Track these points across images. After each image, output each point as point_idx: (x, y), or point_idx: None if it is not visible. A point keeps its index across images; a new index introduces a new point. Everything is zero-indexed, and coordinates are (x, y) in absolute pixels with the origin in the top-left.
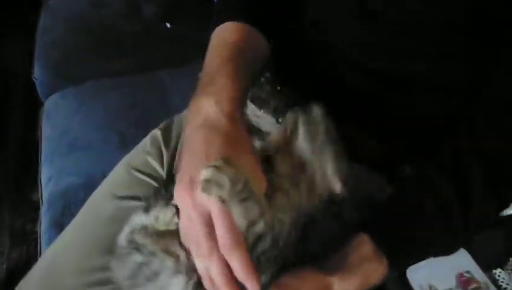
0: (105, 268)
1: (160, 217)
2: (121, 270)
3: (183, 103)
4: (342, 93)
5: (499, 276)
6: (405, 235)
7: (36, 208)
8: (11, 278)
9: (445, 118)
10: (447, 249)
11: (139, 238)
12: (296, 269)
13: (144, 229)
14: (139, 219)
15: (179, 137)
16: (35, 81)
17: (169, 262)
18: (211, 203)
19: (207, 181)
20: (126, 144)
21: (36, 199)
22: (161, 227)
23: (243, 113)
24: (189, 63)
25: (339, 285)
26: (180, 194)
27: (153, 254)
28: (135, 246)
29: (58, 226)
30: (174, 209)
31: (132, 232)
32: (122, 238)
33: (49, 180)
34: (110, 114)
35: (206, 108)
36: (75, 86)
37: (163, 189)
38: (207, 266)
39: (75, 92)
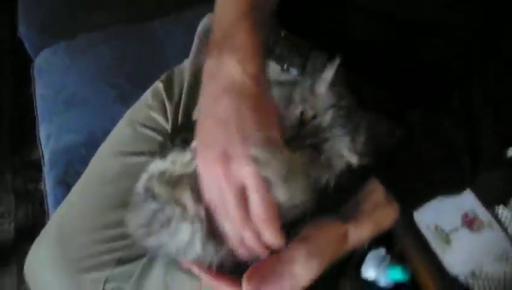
0: (116, 224)
1: (177, 160)
2: (135, 219)
3: (178, 53)
4: (348, 39)
5: (501, 214)
6: (414, 180)
7: (36, 167)
8: (19, 237)
9: (456, 65)
10: (454, 191)
11: (156, 186)
12: (313, 219)
13: (161, 175)
14: (156, 166)
15: (181, 88)
16: (22, 39)
17: (178, 210)
18: (249, 177)
19: (256, 159)
20: (124, 97)
21: (35, 159)
22: (178, 170)
23: (266, 72)
24: (181, 10)
25: (354, 232)
26: (209, 165)
27: (167, 201)
28: (151, 194)
29: (64, 184)
30: (192, 153)
31: (149, 179)
32: (140, 186)
33: (49, 139)
34: (105, 68)
35: (228, 69)
36: (65, 41)
37: (169, 142)
38: (238, 232)
39: (66, 48)
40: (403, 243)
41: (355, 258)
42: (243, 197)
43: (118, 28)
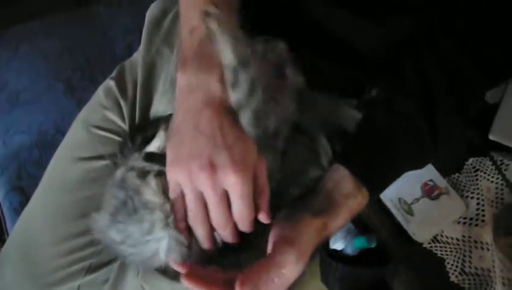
0: (82, 233)
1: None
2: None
3: (123, 37)
4: (304, 20)
5: (457, 180)
6: (381, 163)
7: None
8: None
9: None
10: (418, 166)
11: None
12: (290, 220)
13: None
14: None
15: (134, 85)
16: None
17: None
18: (234, 185)
19: (207, 14)
20: (73, 90)
21: None
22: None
23: None
24: None
25: (331, 223)
26: (194, 174)
27: (136, 191)
28: (120, 184)
29: (17, 189)
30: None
31: (127, 171)
32: (117, 176)
33: None
34: (48, 60)
35: (207, 86)
36: (0, 34)
37: (129, 142)
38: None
39: (2, 41)
40: (368, 216)
41: None
42: (227, 203)
43: (58, 15)
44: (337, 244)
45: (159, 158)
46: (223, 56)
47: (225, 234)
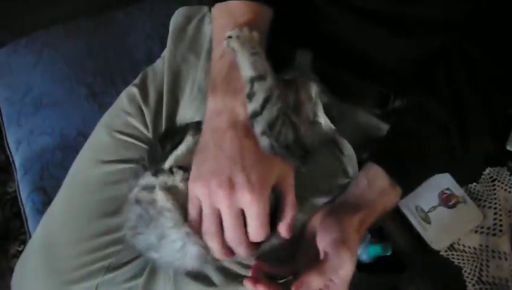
0: (103, 233)
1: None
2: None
3: (143, 42)
4: (329, 34)
5: (474, 189)
6: (412, 163)
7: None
8: None
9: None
10: (448, 168)
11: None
12: (330, 223)
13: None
14: (147, 180)
15: (158, 92)
16: None
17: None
18: (251, 205)
19: (230, 37)
20: (95, 95)
21: None
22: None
23: None
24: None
25: (367, 218)
26: (213, 190)
27: (149, 202)
28: (135, 202)
29: (40, 189)
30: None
31: (140, 191)
32: (132, 197)
33: (20, 144)
34: (71, 64)
35: (232, 109)
36: (25, 38)
37: (159, 147)
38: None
39: (27, 45)
40: (385, 223)
41: None
42: (242, 221)
43: (79, 21)
44: None
45: (167, 173)
46: (241, 70)
47: (239, 251)
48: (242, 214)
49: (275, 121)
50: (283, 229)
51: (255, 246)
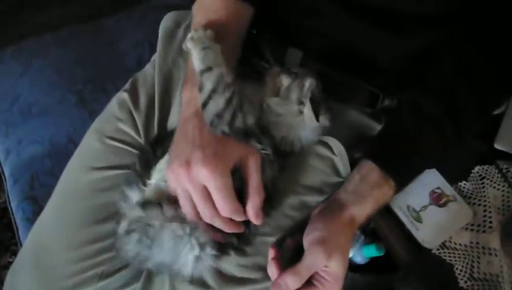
0: (95, 240)
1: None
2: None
3: (133, 49)
4: (321, 32)
5: (463, 187)
6: (406, 157)
7: None
8: None
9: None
10: (441, 161)
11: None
12: (320, 220)
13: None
14: (134, 213)
15: (148, 97)
16: None
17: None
18: (207, 179)
19: (188, 39)
20: (85, 102)
21: None
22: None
23: None
24: (136, 5)
25: (358, 213)
26: (175, 171)
27: (149, 224)
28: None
29: (30, 198)
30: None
31: (130, 224)
32: (121, 230)
33: (8, 153)
34: (60, 72)
35: (195, 98)
36: (12, 47)
37: (151, 153)
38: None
39: (14, 53)
40: (377, 223)
41: None
42: (207, 196)
43: (69, 28)
44: None
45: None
46: (194, 65)
47: (219, 225)
48: (208, 190)
49: (224, 110)
50: (250, 214)
51: (237, 224)
